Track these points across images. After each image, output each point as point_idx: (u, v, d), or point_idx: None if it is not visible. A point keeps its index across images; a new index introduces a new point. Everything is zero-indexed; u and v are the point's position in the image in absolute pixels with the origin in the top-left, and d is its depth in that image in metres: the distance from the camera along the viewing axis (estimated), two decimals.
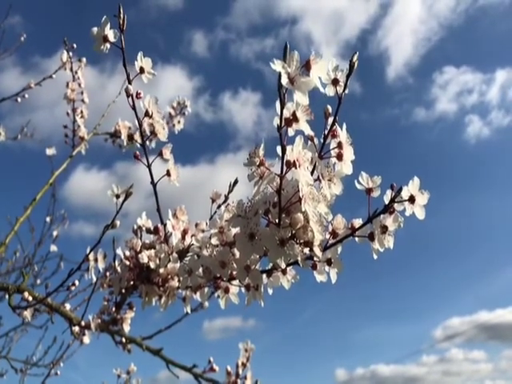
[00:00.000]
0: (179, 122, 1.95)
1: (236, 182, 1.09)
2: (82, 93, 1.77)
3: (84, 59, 1.77)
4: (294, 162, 0.61)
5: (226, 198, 1.07)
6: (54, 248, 2.68)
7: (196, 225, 1.01)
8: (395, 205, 0.66)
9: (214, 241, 0.77)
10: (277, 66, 0.54)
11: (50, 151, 1.80)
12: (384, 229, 0.67)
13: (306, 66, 0.55)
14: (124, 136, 1.72)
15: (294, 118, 0.59)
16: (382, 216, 0.67)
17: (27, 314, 1.12)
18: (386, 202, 0.66)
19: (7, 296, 1.14)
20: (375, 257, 0.67)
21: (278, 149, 0.63)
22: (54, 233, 2.76)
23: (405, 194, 0.66)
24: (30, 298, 1.11)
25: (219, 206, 1.07)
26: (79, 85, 1.75)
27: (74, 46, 1.78)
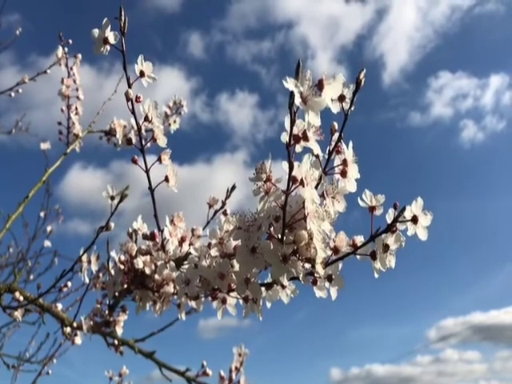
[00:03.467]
0: (175, 121, 1.93)
1: (234, 187, 1.08)
2: (77, 89, 1.74)
3: (79, 55, 1.73)
4: (302, 180, 0.60)
5: (224, 203, 1.07)
6: (47, 243, 2.65)
7: (192, 230, 1.00)
8: (397, 224, 0.66)
9: (214, 252, 0.77)
10: (290, 84, 0.53)
11: (44, 145, 1.76)
12: (386, 248, 0.67)
13: (318, 86, 0.54)
14: (119, 134, 1.70)
15: (304, 137, 0.59)
16: (383, 235, 0.67)
17: (18, 314, 1.10)
18: (389, 221, 0.66)
19: None
20: (376, 276, 0.67)
21: (285, 165, 0.62)
22: (48, 228, 2.71)
23: (408, 214, 0.66)
24: (21, 298, 1.10)
25: (216, 212, 1.06)
26: (74, 81, 1.71)
27: (70, 41, 1.74)
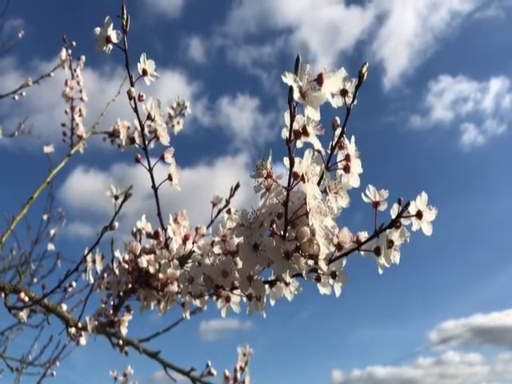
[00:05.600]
0: (178, 122, 1.93)
1: (237, 186, 1.08)
2: (80, 91, 1.74)
3: (83, 57, 1.74)
4: (303, 175, 0.59)
5: (227, 202, 1.06)
6: (51, 246, 2.66)
7: (196, 229, 1.00)
8: (402, 219, 0.66)
9: (217, 249, 0.76)
10: (288, 79, 0.53)
11: (47, 149, 1.77)
12: (390, 243, 0.66)
13: (318, 80, 0.54)
14: (123, 135, 1.71)
15: (304, 132, 0.58)
16: (388, 230, 0.66)
17: (23, 314, 1.11)
18: (393, 217, 0.65)
19: (3, 295, 1.13)
20: (381, 272, 0.66)
21: (286, 160, 0.62)
22: (52, 231, 2.73)
23: (412, 210, 0.65)
24: (27, 299, 1.10)
25: (220, 211, 1.06)
26: (78, 83, 1.71)
27: (73, 43, 1.75)
